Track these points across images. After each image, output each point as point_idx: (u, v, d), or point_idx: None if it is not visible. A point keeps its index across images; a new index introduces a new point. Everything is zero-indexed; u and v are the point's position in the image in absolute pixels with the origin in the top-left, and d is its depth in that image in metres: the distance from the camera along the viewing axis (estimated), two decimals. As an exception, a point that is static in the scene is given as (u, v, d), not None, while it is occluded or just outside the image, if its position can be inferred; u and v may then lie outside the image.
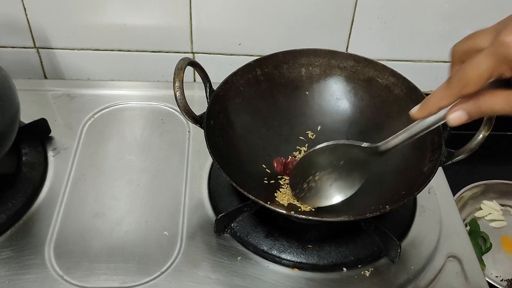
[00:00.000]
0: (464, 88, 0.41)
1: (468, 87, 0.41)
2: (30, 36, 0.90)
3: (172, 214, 0.70)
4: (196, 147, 0.80)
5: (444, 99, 0.44)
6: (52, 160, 0.77)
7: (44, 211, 0.70)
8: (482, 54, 0.40)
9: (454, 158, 0.61)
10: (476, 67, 0.40)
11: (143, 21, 0.88)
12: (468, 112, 0.43)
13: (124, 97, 0.88)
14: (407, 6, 0.86)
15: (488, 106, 0.42)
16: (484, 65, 0.40)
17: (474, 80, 0.40)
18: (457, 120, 0.44)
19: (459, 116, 0.44)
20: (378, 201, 0.63)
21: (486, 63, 0.39)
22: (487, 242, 0.86)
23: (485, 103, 0.42)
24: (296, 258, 0.65)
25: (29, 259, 0.64)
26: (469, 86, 0.41)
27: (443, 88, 0.44)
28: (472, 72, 0.40)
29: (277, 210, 0.59)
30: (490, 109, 0.42)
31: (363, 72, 0.75)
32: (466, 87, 0.41)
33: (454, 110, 0.44)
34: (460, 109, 0.44)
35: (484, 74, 0.40)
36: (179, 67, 0.63)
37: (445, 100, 0.44)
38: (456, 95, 0.43)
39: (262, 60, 0.75)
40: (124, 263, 0.64)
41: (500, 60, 0.39)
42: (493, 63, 0.39)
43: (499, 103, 0.41)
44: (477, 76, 0.40)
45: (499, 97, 0.41)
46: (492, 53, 0.39)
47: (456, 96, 0.43)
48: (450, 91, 0.43)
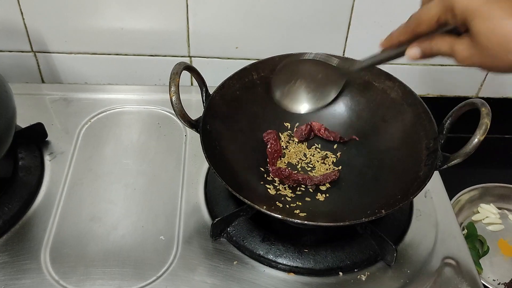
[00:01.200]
0: (417, 27, 0.49)
1: (420, 26, 0.49)
2: (27, 40, 0.90)
3: (168, 218, 0.70)
4: (192, 151, 0.80)
5: (402, 35, 0.52)
6: (48, 164, 0.77)
7: (41, 216, 0.70)
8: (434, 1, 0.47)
9: (450, 162, 0.61)
10: (427, 11, 0.48)
11: (140, 25, 0.88)
12: (422, 49, 0.51)
13: (121, 101, 0.88)
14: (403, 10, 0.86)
15: (436, 47, 0.49)
16: (433, 10, 0.47)
17: (425, 21, 0.48)
18: (413, 54, 0.51)
19: (414, 52, 0.51)
20: (374, 206, 0.63)
21: (435, 9, 0.47)
22: (484, 246, 0.86)
23: (435, 44, 0.49)
24: (292, 263, 0.65)
25: (25, 264, 0.64)
26: (421, 25, 0.49)
27: (402, 25, 0.52)
28: (424, 14, 0.48)
29: (273, 215, 0.59)
30: (438, 50, 0.49)
31: (359, 76, 0.75)
32: (419, 26, 0.49)
33: (412, 47, 0.51)
34: (416, 46, 0.51)
35: (433, 18, 0.47)
36: (175, 71, 0.63)
37: (403, 36, 0.52)
38: (411, 32, 0.50)
39: (258, 64, 0.75)
40: (120, 267, 0.64)
41: (445, 7, 0.46)
42: (440, 9, 0.47)
43: (444, 45, 0.49)
44: (427, 18, 0.48)
45: (445, 41, 0.48)
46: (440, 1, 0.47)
47: (411, 33, 0.51)
48: (407, 28, 0.51)
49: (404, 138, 0.70)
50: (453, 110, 0.65)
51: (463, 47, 0.47)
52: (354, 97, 0.76)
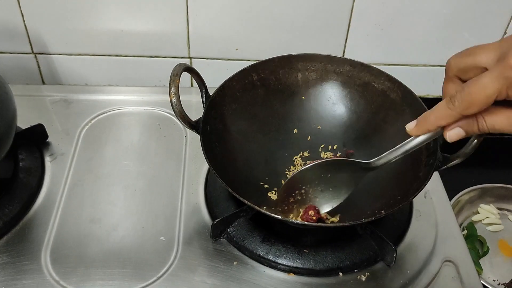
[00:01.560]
0: (467, 109, 0.41)
1: (471, 108, 0.40)
2: (27, 42, 0.90)
3: (169, 219, 0.70)
4: (193, 152, 0.80)
5: (444, 119, 0.43)
6: (49, 165, 0.77)
7: (41, 217, 0.70)
8: (489, 75, 0.39)
9: (449, 163, 0.61)
10: (482, 89, 0.39)
11: (140, 26, 0.88)
12: (467, 129, 0.43)
13: (121, 102, 0.88)
14: (403, 11, 0.87)
15: (489, 125, 0.41)
16: (491, 88, 0.38)
17: (480, 102, 0.39)
18: (455, 137, 0.44)
19: (457, 133, 0.44)
20: (373, 206, 0.63)
21: (494, 86, 0.38)
22: (484, 246, 0.86)
23: (486, 122, 0.41)
24: (292, 263, 0.65)
25: (26, 265, 0.64)
26: (473, 107, 0.40)
27: (444, 107, 0.43)
28: (477, 94, 0.39)
29: (273, 216, 0.59)
30: (491, 128, 0.42)
31: (359, 77, 0.75)
32: (470, 108, 0.41)
33: (453, 128, 0.44)
34: (458, 126, 0.43)
35: (491, 97, 0.39)
36: (175, 73, 0.63)
37: (445, 120, 0.43)
38: (457, 116, 0.42)
39: (258, 65, 0.75)
40: (121, 268, 0.64)
41: (509, 83, 0.38)
42: (500, 86, 0.38)
43: (500, 122, 0.41)
44: (483, 98, 0.39)
45: (500, 116, 0.40)
46: (500, 75, 0.38)
47: (457, 117, 0.42)
48: (452, 111, 0.42)
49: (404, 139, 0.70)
50: (453, 111, 0.65)
51: None
52: (354, 98, 0.77)
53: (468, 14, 0.87)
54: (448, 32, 0.89)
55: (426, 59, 0.93)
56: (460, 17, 0.87)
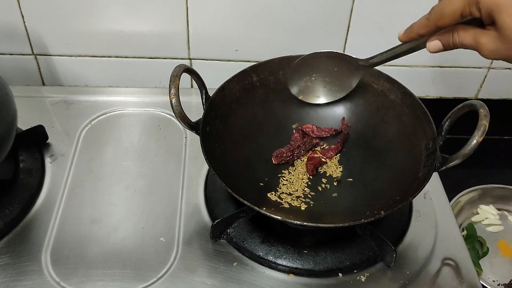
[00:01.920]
0: (440, 20, 0.48)
1: (442, 19, 0.48)
2: (28, 43, 0.91)
3: (169, 220, 0.70)
4: (192, 153, 0.80)
5: (423, 28, 0.51)
6: (49, 166, 0.77)
7: (41, 218, 0.70)
8: None
9: (449, 164, 0.61)
10: (451, 4, 0.47)
11: (140, 27, 0.89)
12: (443, 42, 0.50)
13: (121, 103, 0.88)
14: (403, 11, 0.87)
15: (459, 39, 0.49)
16: (457, 2, 0.46)
17: (448, 14, 0.47)
18: (434, 47, 0.51)
19: (435, 45, 0.51)
20: (373, 207, 0.63)
21: (459, 1, 0.46)
22: (484, 247, 0.86)
23: (458, 36, 0.49)
24: (292, 264, 0.65)
25: (26, 266, 0.64)
26: (443, 19, 0.48)
27: (423, 18, 0.51)
28: (447, 7, 0.47)
29: (273, 216, 0.60)
30: (460, 42, 0.49)
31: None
32: (441, 19, 0.48)
33: (432, 39, 0.51)
34: (437, 38, 0.51)
35: (457, 11, 0.46)
36: (175, 74, 0.63)
37: (424, 29, 0.51)
38: (433, 25, 0.50)
39: (258, 66, 0.76)
40: (121, 269, 0.64)
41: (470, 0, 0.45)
42: (464, 2, 0.45)
43: (467, 37, 0.48)
44: (450, 11, 0.47)
45: (468, 33, 0.48)
46: None
47: (433, 26, 0.50)
48: (429, 22, 0.50)
49: (403, 140, 0.71)
50: (452, 112, 0.65)
51: (489, 41, 0.46)
52: (354, 99, 0.77)
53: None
54: (448, 33, 0.89)
55: (425, 59, 0.93)
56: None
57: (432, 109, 0.69)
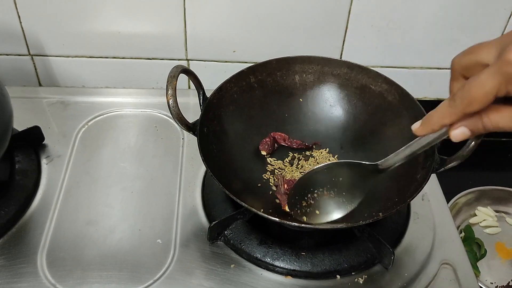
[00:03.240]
0: (469, 107, 0.41)
1: (472, 106, 0.40)
2: (24, 44, 0.90)
3: (166, 222, 0.70)
4: (190, 154, 0.80)
5: (447, 118, 0.43)
6: (45, 167, 0.76)
7: (37, 219, 0.69)
8: (487, 72, 0.39)
9: (447, 165, 0.61)
10: (481, 86, 0.39)
11: (137, 28, 0.88)
12: (471, 128, 0.43)
13: (118, 104, 0.88)
14: (400, 14, 0.87)
15: (493, 123, 0.41)
16: (490, 84, 0.38)
17: (479, 99, 0.39)
18: (460, 136, 0.44)
19: (462, 133, 0.43)
20: (371, 208, 0.63)
21: (493, 81, 0.38)
22: (481, 249, 0.86)
23: (490, 120, 0.41)
24: (290, 266, 0.65)
25: (22, 268, 0.64)
26: (473, 105, 0.40)
27: (446, 105, 0.43)
28: (477, 90, 0.39)
29: (270, 218, 0.59)
30: (495, 126, 0.41)
31: (357, 79, 0.75)
32: (471, 106, 0.40)
33: (457, 127, 0.43)
34: (463, 125, 0.43)
35: (490, 93, 0.39)
36: (172, 74, 0.63)
37: (448, 119, 0.43)
38: (460, 114, 0.42)
39: (255, 67, 0.75)
40: (117, 271, 0.64)
41: (507, 79, 0.38)
42: (499, 82, 0.38)
43: (504, 120, 0.40)
44: (482, 95, 0.39)
45: (504, 114, 0.40)
46: (498, 71, 0.38)
47: (459, 115, 0.42)
48: (454, 109, 0.42)
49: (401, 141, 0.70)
50: (450, 113, 0.65)
51: None
52: (351, 100, 0.77)
53: (465, 16, 0.87)
54: (445, 34, 0.89)
55: (423, 61, 0.93)
56: (457, 19, 0.87)
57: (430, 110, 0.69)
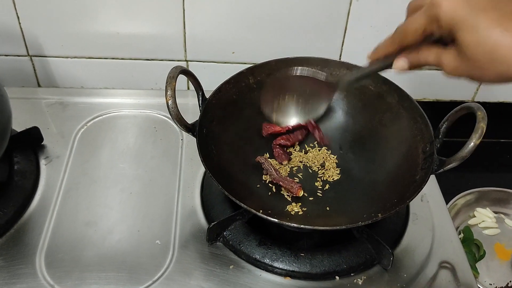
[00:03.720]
0: (404, 39, 0.49)
1: (406, 38, 0.49)
2: (23, 44, 0.90)
3: (165, 223, 0.70)
4: (189, 155, 0.80)
5: (389, 47, 0.52)
6: (44, 168, 0.76)
7: (36, 220, 0.69)
8: (419, 12, 0.47)
9: (446, 166, 0.61)
10: (413, 23, 0.48)
11: (136, 29, 0.88)
12: (409, 61, 0.51)
13: (117, 105, 0.88)
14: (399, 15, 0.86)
15: (423, 58, 0.49)
16: (418, 21, 0.47)
17: (411, 33, 0.48)
18: (400, 66, 0.52)
19: (401, 64, 0.51)
20: (370, 209, 0.63)
21: (420, 20, 0.47)
22: (480, 250, 0.86)
23: (422, 55, 0.49)
24: (289, 267, 0.65)
25: (20, 269, 0.63)
26: (407, 37, 0.49)
27: (389, 38, 0.52)
28: (409, 26, 0.48)
29: (269, 219, 0.59)
30: (425, 61, 0.49)
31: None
32: (405, 38, 0.49)
33: (399, 58, 0.51)
34: (403, 57, 0.51)
35: (419, 29, 0.47)
36: (171, 75, 0.63)
37: (390, 48, 0.52)
38: (398, 44, 0.50)
39: (254, 68, 0.75)
40: (116, 272, 0.64)
41: (430, 18, 0.45)
42: (425, 21, 0.46)
43: (430, 56, 0.48)
44: (413, 30, 0.48)
45: (432, 52, 0.48)
46: (425, 11, 0.46)
47: (397, 45, 0.51)
48: (393, 40, 0.51)
49: (401, 142, 0.70)
50: (449, 114, 0.65)
51: (450, 58, 0.46)
52: (351, 101, 0.77)
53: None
54: (444, 35, 0.89)
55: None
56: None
57: (429, 111, 0.69)
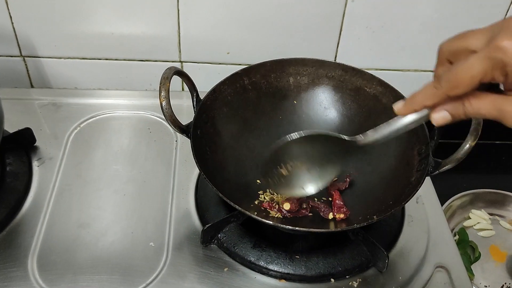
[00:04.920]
0: (453, 89, 0.41)
1: (457, 88, 0.40)
2: (16, 45, 0.89)
3: (159, 225, 0.69)
4: (183, 156, 0.79)
5: (431, 99, 0.43)
6: (36, 170, 0.75)
7: (28, 222, 0.68)
8: (475, 56, 0.39)
9: (441, 168, 0.61)
10: (468, 69, 0.39)
11: (131, 29, 0.88)
12: (453, 113, 0.43)
13: (111, 106, 0.87)
14: (395, 16, 0.87)
15: (474, 109, 0.41)
16: (477, 68, 0.38)
17: (465, 82, 0.39)
18: (441, 120, 0.44)
19: (443, 117, 0.43)
20: (365, 212, 0.63)
21: (480, 66, 0.38)
22: (476, 252, 0.86)
23: (472, 105, 0.41)
24: (284, 269, 0.64)
25: (12, 272, 0.63)
26: (458, 88, 0.40)
27: (430, 86, 0.43)
28: (463, 74, 0.39)
29: (264, 221, 0.59)
30: (476, 112, 0.41)
31: (351, 81, 0.75)
32: (455, 88, 0.40)
33: (439, 110, 0.43)
34: (444, 109, 0.43)
35: (476, 77, 0.39)
36: (165, 76, 0.62)
37: (431, 100, 0.43)
38: (443, 96, 0.42)
39: (249, 69, 0.75)
40: (109, 274, 0.63)
41: (494, 64, 0.38)
42: (486, 67, 0.38)
43: (485, 106, 0.40)
44: (468, 79, 0.39)
45: (486, 101, 0.40)
46: (486, 56, 0.38)
47: (443, 97, 0.42)
48: (438, 91, 0.42)
49: (396, 144, 0.70)
50: (445, 116, 0.65)
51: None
52: (346, 103, 0.76)
53: (460, 18, 0.87)
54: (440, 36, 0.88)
55: (418, 64, 0.93)
56: (451, 21, 0.87)
57: (424, 113, 0.69)
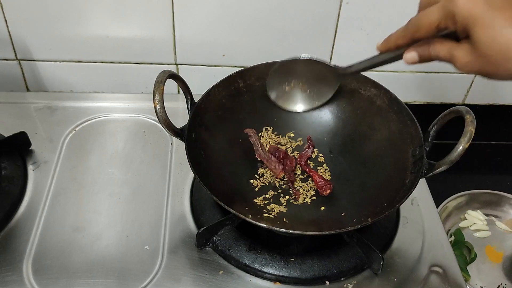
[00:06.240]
0: (416, 32, 0.49)
1: (419, 31, 0.49)
2: (11, 48, 0.89)
3: (154, 228, 0.69)
4: (178, 159, 0.79)
5: (401, 39, 0.51)
6: (31, 173, 0.75)
7: (23, 226, 0.68)
8: (434, 6, 0.47)
9: (435, 170, 0.61)
10: (427, 16, 0.47)
11: (126, 32, 0.88)
12: (420, 54, 0.50)
13: (106, 109, 0.87)
14: (389, 18, 0.87)
15: (435, 51, 0.49)
16: (434, 15, 0.47)
17: (425, 26, 0.48)
18: (410, 58, 0.51)
19: (411, 56, 0.51)
20: (360, 214, 0.63)
21: (436, 14, 0.46)
22: (471, 252, 0.86)
23: (433, 49, 0.49)
24: (279, 272, 0.64)
25: (7, 276, 0.63)
26: (420, 30, 0.48)
27: (401, 29, 0.51)
28: (424, 20, 0.48)
29: (259, 224, 0.59)
30: (436, 55, 0.49)
31: (346, 83, 0.75)
32: (418, 31, 0.49)
33: (409, 51, 0.51)
34: (413, 50, 0.51)
35: (433, 23, 0.47)
36: (159, 80, 0.62)
37: (401, 40, 0.51)
38: (410, 37, 0.50)
39: (244, 72, 0.75)
40: (104, 278, 0.63)
41: (447, 14, 0.45)
42: (440, 15, 0.46)
43: (442, 50, 0.48)
44: (427, 24, 0.47)
45: (443, 46, 0.48)
46: (442, 6, 0.46)
47: (410, 38, 0.50)
48: (406, 32, 0.50)
49: (390, 146, 0.70)
50: (438, 118, 0.65)
51: (463, 54, 0.46)
52: (340, 105, 0.76)
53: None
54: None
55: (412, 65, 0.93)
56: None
57: (419, 114, 0.69)
